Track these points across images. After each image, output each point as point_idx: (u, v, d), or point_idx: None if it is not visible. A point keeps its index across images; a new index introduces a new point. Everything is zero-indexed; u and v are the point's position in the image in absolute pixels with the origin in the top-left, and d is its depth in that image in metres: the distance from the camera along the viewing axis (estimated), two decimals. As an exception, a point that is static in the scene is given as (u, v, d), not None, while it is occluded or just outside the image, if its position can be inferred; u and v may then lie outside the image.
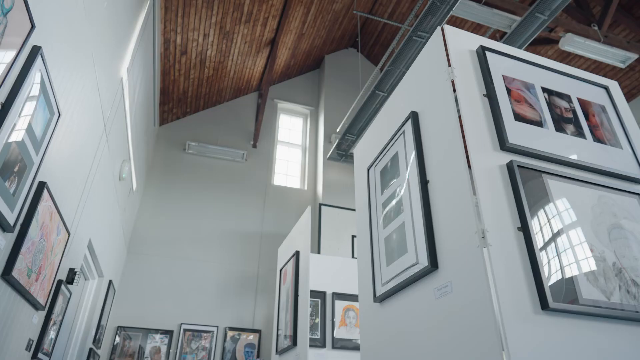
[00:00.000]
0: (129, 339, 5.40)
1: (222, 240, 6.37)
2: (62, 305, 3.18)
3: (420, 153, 1.82)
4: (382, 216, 2.07)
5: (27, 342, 2.56)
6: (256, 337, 5.86)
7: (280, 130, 7.94)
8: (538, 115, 1.74)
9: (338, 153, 6.65)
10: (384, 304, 1.93)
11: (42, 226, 2.37)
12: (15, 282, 2.12)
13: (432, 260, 1.57)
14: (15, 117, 1.80)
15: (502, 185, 1.48)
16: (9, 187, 1.84)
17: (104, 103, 3.32)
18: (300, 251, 3.34)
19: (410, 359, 1.63)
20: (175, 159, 6.79)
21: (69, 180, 2.79)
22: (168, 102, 6.70)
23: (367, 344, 2.01)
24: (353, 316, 4.05)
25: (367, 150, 2.44)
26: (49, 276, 2.64)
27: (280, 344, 3.39)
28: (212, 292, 5.98)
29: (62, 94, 2.37)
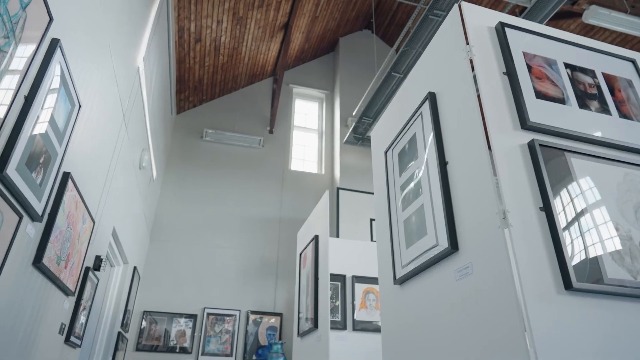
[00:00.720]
0: (155, 323, 5.56)
1: (241, 226, 6.46)
2: (91, 291, 3.28)
3: (439, 134, 1.80)
4: (401, 199, 2.06)
5: (60, 326, 2.67)
6: (277, 320, 5.97)
7: (296, 115, 7.92)
8: (560, 92, 1.69)
9: (355, 136, 6.61)
10: (404, 286, 1.94)
11: (69, 215, 2.44)
12: (46, 269, 2.20)
13: (452, 241, 1.56)
14: (38, 110, 1.84)
15: (523, 165, 1.46)
16: (35, 178, 1.90)
17: (122, 93, 3.36)
18: (319, 235, 3.37)
19: (431, 340, 1.64)
20: (193, 147, 6.86)
21: (91, 170, 2.86)
22: (184, 90, 6.74)
23: (388, 326, 2.03)
24: (373, 299, 4.08)
25: (384, 133, 2.42)
26: (77, 263, 2.73)
27: (301, 326, 3.45)
28: (233, 277, 6.09)
29: (81, 85, 2.41)
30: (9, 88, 1.61)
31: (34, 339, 2.26)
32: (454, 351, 1.47)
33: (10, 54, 1.58)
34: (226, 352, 5.63)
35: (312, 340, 3.14)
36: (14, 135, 1.67)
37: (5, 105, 1.59)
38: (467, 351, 1.40)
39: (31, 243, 2.05)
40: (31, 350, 2.24)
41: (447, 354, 1.51)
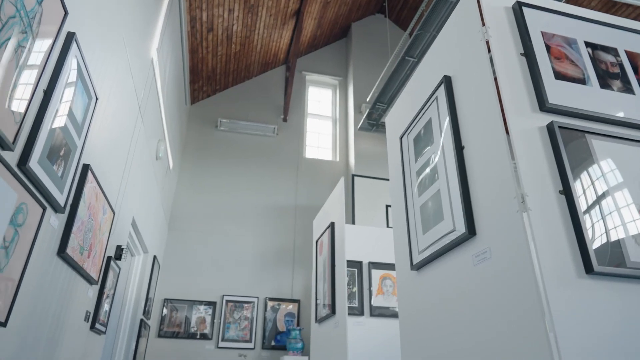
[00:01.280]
0: (176, 310, 5.68)
1: (257, 214, 6.52)
2: (113, 280, 3.37)
3: (455, 118, 1.77)
4: (417, 184, 2.05)
5: (85, 313, 2.75)
6: (295, 306, 6.04)
7: (310, 102, 7.89)
8: (581, 72, 1.65)
9: (369, 123, 6.57)
10: (421, 272, 1.94)
11: (89, 206, 2.50)
12: (70, 259, 2.26)
13: (469, 226, 1.55)
14: (57, 103, 1.87)
15: (542, 148, 1.43)
16: (57, 170, 1.94)
17: (137, 85, 3.40)
18: (335, 222, 3.38)
19: (448, 325, 1.64)
20: (208, 137, 6.91)
21: (110, 162, 2.91)
22: (198, 80, 6.77)
23: (406, 311, 2.04)
24: (390, 284, 4.09)
25: (399, 119, 2.40)
26: (99, 253, 2.80)
27: (319, 312, 3.49)
28: (251, 264, 6.17)
29: (97, 78, 2.44)
30: (28, 83, 1.64)
31: (61, 325, 2.33)
32: (472, 336, 1.47)
33: (29, 49, 1.61)
34: (245, 338, 5.74)
35: (330, 326, 3.18)
36: (34, 128, 1.71)
37: (26, 99, 1.62)
38: (485, 336, 1.40)
39: (55, 234, 2.10)
40: (59, 336, 2.32)
41: (465, 338, 1.52)
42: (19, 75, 1.55)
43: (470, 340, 1.49)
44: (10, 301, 1.67)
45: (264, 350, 5.74)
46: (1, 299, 1.60)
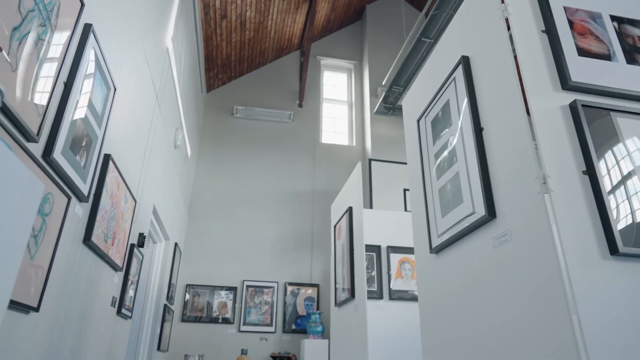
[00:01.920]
0: (198, 296, 5.81)
1: (275, 200, 6.56)
2: (137, 267, 3.46)
3: (473, 99, 1.74)
4: (435, 167, 2.03)
5: (112, 299, 2.84)
6: (315, 291, 6.11)
7: (325, 87, 7.84)
8: (606, 48, 1.60)
9: (385, 106, 6.50)
10: (440, 255, 1.93)
11: (112, 195, 2.56)
12: (95, 247, 2.33)
13: (489, 209, 1.53)
14: (77, 95, 1.91)
15: (564, 128, 1.40)
16: (79, 160, 1.99)
17: (153, 74, 3.42)
18: (353, 207, 3.38)
19: (469, 308, 1.64)
20: (224, 124, 6.95)
21: (130, 151, 2.96)
22: (213, 68, 6.78)
23: (425, 295, 2.04)
24: (409, 268, 4.09)
25: (416, 101, 2.37)
26: (122, 241, 2.87)
27: (338, 296, 3.52)
28: (269, 250, 6.24)
29: (115, 68, 2.47)
30: (49, 75, 1.67)
31: (89, 310, 2.41)
32: (493, 318, 1.47)
33: (48, 42, 1.63)
34: (266, 322, 5.84)
35: (350, 309, 3.21)
36: (57, 120, 1.74)
37: (47, 92, 1.65)
38: (506, 318, 1.40)
39: (80, 222, 2.16)
40: (88, 320, 2.40)
41: (486, 321, 1.51)
42: (39, 68, 1.58)
43: (490, 323, 1.49)
44: (42, 287, 1.73)
45: (284, 333, 5.84)
46: (33, 286, 1.66)
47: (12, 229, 0.82)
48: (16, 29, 1.40)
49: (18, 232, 0.84)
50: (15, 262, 0.84)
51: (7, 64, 1.35)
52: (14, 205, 0.81)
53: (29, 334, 1.72)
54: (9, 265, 0.81)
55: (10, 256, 0.81)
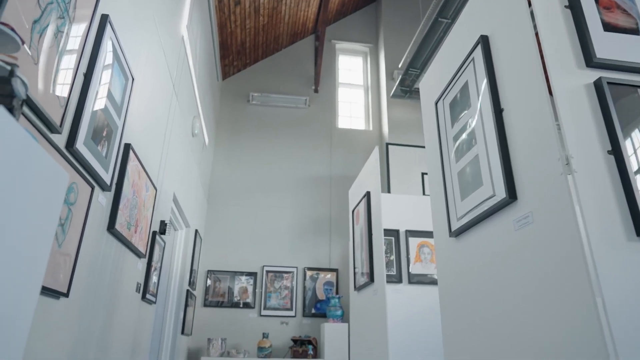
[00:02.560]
0: (219, 281, 5.93)
1: (293, 186, 6.59)
2: (159, 253, 3.54)
3: (493, 80, 1.70)
4: (454, 150, 2.01)
5: (136, 285, 2.92)
6: (334, 275, 6.15)
7: (341, 71, 7.77)
8: (634, 22, 1.53)
9: (402, 89, 6.41)
10: (460, 239, 1.92)
11: (133, 184, 2.61)
12: (119, 235, 2.39)
13: (510, 191, 1.51)
14: (96, 86, 1.94)
15: (588, 106, 1.36)
16: (101, 150, 2.03)
17: (169, 63, 3.44)
18: (371, 191, 3.37)
19: (490, 291, 1.63)
20: (240, 111, 6.98)
21: (149, 140, 3.00)
22: (228, 55, 6.78)
23: (445, 278, 2.04)
24: (428, 252, 4.08)
25: (434, 83, 2.33)
26: (144, 228, 2.93)
27: (357, 281, 3.54)
28: (288, 235, 6.30)
29: (132, 58, 2.49)
30: (69, 67, 1.69)
31: (115, 296, 2.49)
32: (514, 301, 1.46)
33: (67, 33, 1.66)
34: (286, 306, 5.93)
35: (369, 293, 3.23)
36: (78, 111, 1.78)
37: (68, 84, 1.68)
38: (528, 301, 1.39)
39: (104, 211, 2.22)
40: (114, 306, 2.48)
41: (507, 304, 1.51)
42: (60, 60, 1.61)
43: (512, 306, 1.48)
44: (70, 274, 1.79)
45: (304, 317, 5.92)
46: (62, 273, 1.71)
47: (41, 218, 0.84)
48: (36, 22, 1.42)
49: (47, 221, 0.87)
50: (45, 250, 0.87)
51: (29, 57, 1.38)
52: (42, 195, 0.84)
53: (61, 318, 1.78)
54: (39, 253, 0.84)
55: (41, 244, 0.84)
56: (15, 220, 0.74)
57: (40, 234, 0.85)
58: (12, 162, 0.71)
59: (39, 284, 0.86)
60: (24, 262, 0.78)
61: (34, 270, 0.83)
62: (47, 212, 0.87)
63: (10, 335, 0.76)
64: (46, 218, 0.87)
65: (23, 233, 0.77)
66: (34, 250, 0.82)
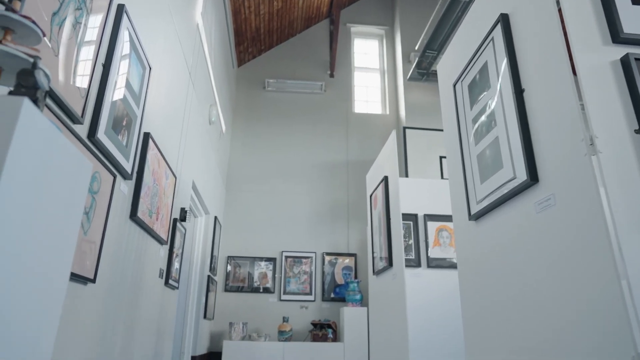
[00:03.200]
0: (239, 267, 6.02)
1: (310, 171, 6.61)
2: (180, 240, 3.61)
3: (513, 59, 1.66)
4: (473, 133, 1.97)
5: (159, 271, 2.99)
6: (352, 260, 6.19)
7: (356, 55, 7.68)
8: (661, -5, 1.47)
9: (419, 72, 6.31)
10: (479, 222, 1.90)
11: (153, 172, 2.65)
12: (141, 222, 2.44)
13: (531, 173, 1.49)
14: (115, 76, 1.96)
15: (614, 84, 1.32)
16: (121, 139, 2.06)
17: (185, 51, 3.46)
18: (389, 176, 3.36)
19: (510, 274, 1.62)
20: (256, 98, 6.98)
21: (167, 129, 3.04)
22: (243, 42, 6.77)
23: (465, 262, 2.03)
24: (447, 236, 4.06)
25: (452, 65, 2.28)
26: (165, 215, 2.99)
27: (376, 265, 3.55)
28: (306, 221, 6.34)
29: (148, 48, 2.51)
30: (88, 58, 1.72)
31: (140, 281, 2.56)
32: (536, 284, 1.45)
33: (84, 24, 1.67)
34: (306, 291, 6.00)
35: (388, 277, 3.24)
36: (98, 101, 1.81)
37: (87, 75, 1.71)
38: (550, 283, 1.37)
39: (126, 199, 2.26)
40: (139, 290, 2.55)
41: (528, 287, 1.49)
42: (79, 52, 1.63)
43: (533, 289, 1.46)
44: (96, 261, 1.84)
45: (324, 302, 5.98)
46: (88, 259, 1.77)
47: (68, 206, 0.87)
48: (55, 14, 1.44)
49: (73, 210, 0.90)
50: (72, 238, 0.90)
51: (49, 49, 1.40)
52: (68, 185, 0.86)
53: (88, 303, 1.84)
54: (68, 240, 0.87)
55: (69, 232, 0.87)
56: (44, 210, 0.76)
57: (68, 222, 0.87)
58: (40, 153, 0.73)
59: (68, 270, 0.89)
60: (54, 250, 0.81)
61: (63, 257, 0.86)
62: (73, 201, 0.90)
63: (44, 319, 0.79)
64: (73, 207, 0.89)
65: (52, 222, 0.80)
66: (62, 238, 0.84)
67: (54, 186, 0.80)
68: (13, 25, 0.86)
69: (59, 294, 0.85)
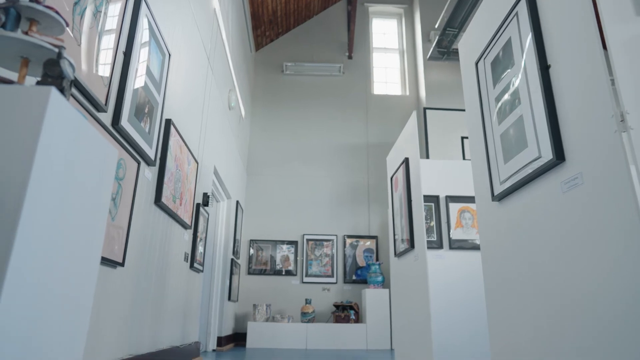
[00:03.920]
0: (261, 250, 6.11)
1: (330, 155, 6.60)
2: (204, 224, 3.67)
3: (539, 34, 1.61)
4: (496, 112, 1.93)
5: (184, 255, 3.06)
6: (373, 242, 6.20)
7: (375, 36, 7.54)
8: (699, -39, 1.39)
9: (439, 51, 6.17)
10: (503, 202, 1.87)
11: (175, 158, 2.69)
12: (166, 207, 2.49)
13: (557, 152, 1.45)
14: (136, 64, 1.98)
15: (646, 58, 1.26)
16: (144, 127, 2.09)
17: (203, 37, 3.46)
18: (410, 158, 3.32)
19: (535, 255, 1.60)
20: (275, 82, 6.97)
21: (188, 115, 3.07)
22: (260, 25, 6.73)
23: (488, 243, 2.01)
24: (469, 217, 4.02)
25: (474, 42, 2.22)
26: (189, 200, 3.04)
27: (397, 247, 3.55)
28: (327, 204, 6.36)
29: (167, 35, 2.52)
30: (109, 47, 1.74)
31: (166, 265, 2.63)
32: (562, 264, 1.42)
33: (104, 13, 1.69)
34: (327, 273, 6.06)
35: (410, 259, 3.24)
36: (120, 90, 1.83)
37: (109, 63, 1.73)
38: (577, 264, 1.35)
39: (150, 185, 2.31)
40: (166, 274, 2.62)
41: (553, 267, 1.47)
42: (100, 40, 1.65)
43: (558, 269, 1.44)
44: (124, 245, 1.90)
45: (345, 284, 6.04)
46: (116, 244, 1.82)
47: (96, 192, 0.89)
48: (76, 3, 1.46)
49: (101, 196, 0.92)
50: (102, 223, 0.92)
51: (72, 39, 1.43)
52: (95, 171, 0.89)
53: (118, 285, 1.91)
54: (97, 226, 0.89)
55: (98, 217, 0.89)
56: (75, 196, 0.79)
57: (97, 208, 0.90)
58: (68, 141, 0.75)
59: (98, 254, 0.92)
60: (85, 235, 0.84)
61: (94, 242, 0.88)
62: (101, 187, 0.92)
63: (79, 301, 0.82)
64: (101, 193, 0.92)
65: (82, 208, 0.82)
66: (92, 223, 0.87)
67: (83, 173, 0.82)
68: (38, 16, 0.88)
69: (92, 276, 0.88)
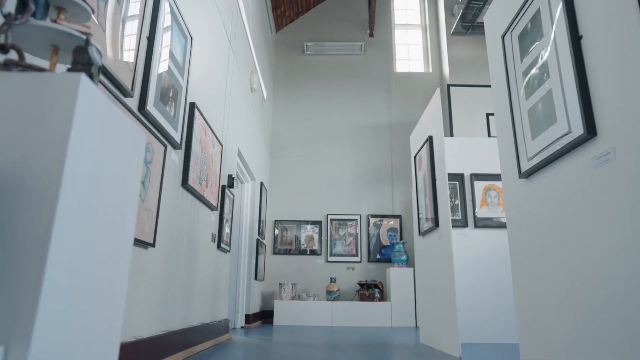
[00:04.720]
0: (286, 230, 6.20)
1: (352, 134, 6.57)
2: (229, 206, 3.74)
3: (570, 3, 1.54)
4: (523, 87, 1.87)
5: (211, 235, 3.14)
6: (397, 221, 6.19)
7: (396, 12, 7.37)
8: None
9: (463, 26, 5.98)
10: (530, 180, 1.84)
11: (200, 141, 2.73)
12: (192, 189, 2.55)
13: (589, 127, 1.40)
14: (159, 48, 2.01)
15: (686, 24, 1.20)
16: (169, 111, 2.13)
17: (224, 19, 3.46)
18: (434, 136, 3.28)
19: (564, 233, 1.57)
20: (296, 63, 6.93)
21: (211, 98, 3.10)
22: (280, 5, 6.66)
23: (515, 221, 1.98)
24: (495, 195, 3.95)
25: (500, 15, 2.15)
26: (214, 182, 3.10)
27: (422, 226, 3.54)
28: (350, 184, 6.36)
29: (188, 18, 2.53)
30: (132, 33, 1.76)
31: (194, 245, 2.70)
32: (593, 241, 1.40)
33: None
34: (352, 252, 6.11)
35: (434, 238, 3.22)
36: (145, 74, 1.86)
37: (133, 49, 1.76)
38: (608, 241, 1.32)
39: (177, 168, 2.36)
40: (194, 254, 2.70)
41: (583, 245, 1.44)
42: (124, 26, 1.68)
43: (588, 246, 1.41)
44: (154, 227, 1.96)
45: (369, 263, 6.08)
46: (147, 225, 1.88)
47: (126, 176, 0.92)
48: (99, -11, 1.48)
49: (131, 179, 0.95)
50: (133, 205, 0.96)
51: (97, 26, 1.45)
52: (125, 155, 0.91)
53: (150, 266, 1.98)
54: (129, 208, 0.93)
55: (129, 199, 0.93)
56: (108, 180, 0.82)
57: (128, 190, 0.93)
58: (98, 126, 0.78)
59: (131, 235, 0.96)
60: (118, 217, 0.87)
61: (127, 224, 0.92)
62: (131, 171, 0.95)
63: (115, 280, 0.86)
64: (131, 176, 0.95)
65: (115, 191, 0.85)
66: (124, 206, 0.91)
67: (113, 157, 0.85)
68: (65, 4, 0.90)
69: (126, 256, 0.92)
